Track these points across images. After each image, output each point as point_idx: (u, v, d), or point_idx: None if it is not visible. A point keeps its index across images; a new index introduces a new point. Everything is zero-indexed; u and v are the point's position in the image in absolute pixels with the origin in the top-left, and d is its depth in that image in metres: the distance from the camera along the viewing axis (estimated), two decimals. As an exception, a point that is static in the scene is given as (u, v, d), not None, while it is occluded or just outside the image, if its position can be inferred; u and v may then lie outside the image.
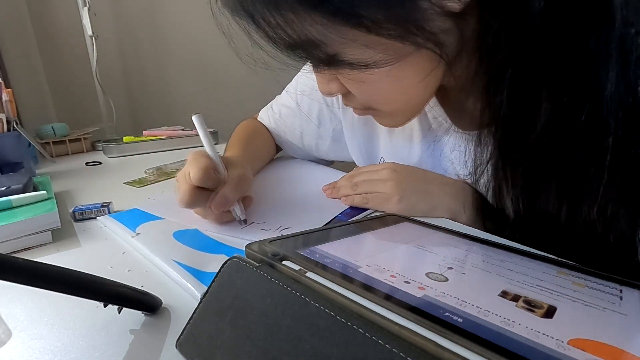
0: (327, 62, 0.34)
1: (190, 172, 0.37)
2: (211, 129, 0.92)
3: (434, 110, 0.47)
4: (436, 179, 0.44)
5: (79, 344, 0.23)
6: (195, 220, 0.40)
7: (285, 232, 0.36)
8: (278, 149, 0.69)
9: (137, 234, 0.36)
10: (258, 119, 0.68)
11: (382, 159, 0.56)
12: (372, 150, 0.56)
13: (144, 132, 0.88)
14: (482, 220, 0.41)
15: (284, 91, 0.65)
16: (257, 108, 0.69)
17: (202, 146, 0.42)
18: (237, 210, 0.39)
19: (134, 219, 0.40)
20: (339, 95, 0.44)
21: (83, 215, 0.42)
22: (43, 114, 1.14)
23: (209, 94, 1.33)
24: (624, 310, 0.18)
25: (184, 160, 0.73)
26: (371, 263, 0.22)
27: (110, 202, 0.44)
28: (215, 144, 0.89)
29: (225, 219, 0.40)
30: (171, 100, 1.34)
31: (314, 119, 0.60)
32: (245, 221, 0.40)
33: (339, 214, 0.43)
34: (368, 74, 0.34)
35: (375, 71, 0.33)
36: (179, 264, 0.30)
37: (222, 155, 0.43)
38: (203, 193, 0.37)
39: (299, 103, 0.61)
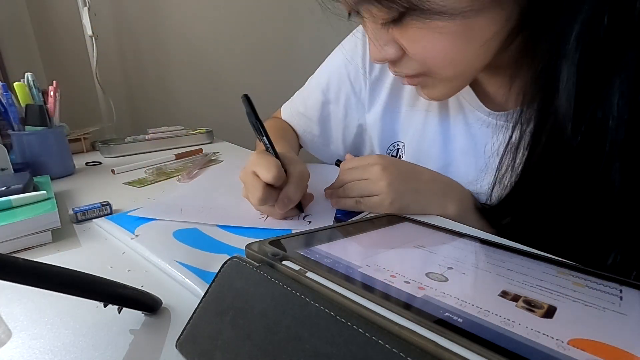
0: (400, 16, 0.35)
1: (261, 171, 0.38)
2: (206, 128, 0.92)
3: (459, 93, 0.47)
4: (424, 175, 0.45)
5: (79, 344, 0.23)
6: (192, 218, 0.41)
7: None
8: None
9: (137, 236, 0.36)
10: (281, 115, 0.68)
11: (394, 143, 0.56)
12: (388, 133, 0.57)
13: (148, 130, 0.88)
14: (470, 214, 0.42)
15: (307, 83, 0.65)
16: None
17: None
18: (300, 208, 0.42)
19: (131, 221, 0.40)
20: (369, 79, 0.50)
21: (85, 215, 0.42)
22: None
23: (209, 94, 1.33)
24: (624, 310, 0.18)
25: (184, 160, 0.72)
26: (371, 263, 0.22)
27: (108, 201, 0.44)
28: (210, 142, 0.89)
29: (289, 214, 0.41)
30: (171, 100, 1.34)
31: (341, 109, 0.61)
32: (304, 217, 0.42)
33: (338, 214, 0.43)
34: (437, 31, 0.34)
35: (447, 26, 0.33)
36: (182, 264, 0.30)
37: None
38: (273, 191, 0.39)
39: (325, 93, 0.61)
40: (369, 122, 0.58)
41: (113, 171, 0.65)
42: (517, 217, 0.41)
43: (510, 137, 0.40)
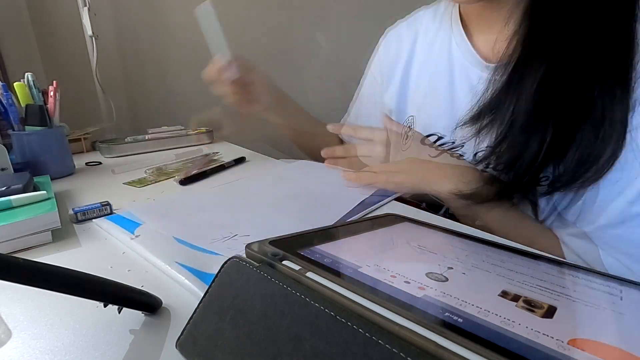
0: None
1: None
2: (206, 128, 0.91)
3: (459, 45, 0.53)
4: (424, 154, 0.50)
5: (79, 344, 0.23)
6: (173, 228, 0.37)
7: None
8: None
9: (137, 236, 0.36)
10: None
11: (411, 118, 0.61)
12: (403, 110, 0.62)
13: (148, 130, 0.88)
14: (469, 185, 0.45)
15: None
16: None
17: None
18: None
19: (130, 221, 0.40)
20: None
21: (85, 215, 0.42)
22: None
23: (209, 94, 1.33)
24: (624, 310, 0.18)
25: (184, 160, 0.72)
26: (371, 263, 0.22)
27: (108, 201, 0.44)
28: (210, 142, 0.89)
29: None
30: (171, 100, 1.34)
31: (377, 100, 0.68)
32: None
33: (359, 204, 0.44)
34: None
35: None
36: (182, 265, 0.30)
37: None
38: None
39: (363, 97, 0.72)
40: (389, 102, 0.64)
41: (113, 171, 0.65)
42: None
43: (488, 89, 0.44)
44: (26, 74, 0.62)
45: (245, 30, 1.32)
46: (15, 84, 0.61)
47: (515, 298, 0.18)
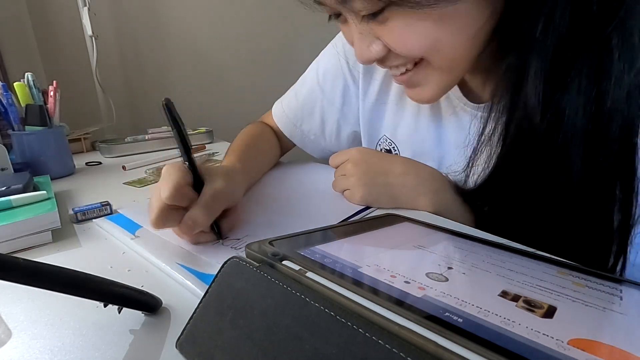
0: (382, 9, 0.35)
1: (162, 188, 0.32)
2: (206, 128, 0.91)
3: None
4: (396, 168, 0.45)
5: (79, 344, 0.23)
6: (172, 234, 0.36)
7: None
8: (283, 152, 0.67)
9: (137, 237, 0.36)
10: (272, 112, 0.66)
11: (383, 137, 0.57)
12: (375, 126, 0.58)
13: (148, 130, 0.88)
14: (447, 206, 0.43)
15: (300, 78, 0.64)
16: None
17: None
18: (214, 231, 0.35)
19: (131, 221, 0.40)
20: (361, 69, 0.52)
21: (85, 215, 0.42)
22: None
23: (209, 94, 1.33)
24: (624, 310, 0.18)
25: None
26: (371, 263, 0.22)
27: (108, 201, 0.44)
28: (210, 142, 0.89)
29: (202, 239, 0.35)
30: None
31: (338, 98, 0.59)
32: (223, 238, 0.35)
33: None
34: (421, 21, 0.34)
35: (430, 14, 0.34)
36: (182, 266, 0.30)
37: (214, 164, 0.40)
38: (176, 212, 0.33)
39: (321, 83, 0.60)
40: (361, 113, 0.58)
41: (124, 167, 0.65)
42: (492, 205, 0.42)
43: (484, 128, 0.41)
44: (26, 74, 0.62)
45: (249, 34, 1.32)
46: (15, 84, 0.61)
47: (515, 298, 0.18)
